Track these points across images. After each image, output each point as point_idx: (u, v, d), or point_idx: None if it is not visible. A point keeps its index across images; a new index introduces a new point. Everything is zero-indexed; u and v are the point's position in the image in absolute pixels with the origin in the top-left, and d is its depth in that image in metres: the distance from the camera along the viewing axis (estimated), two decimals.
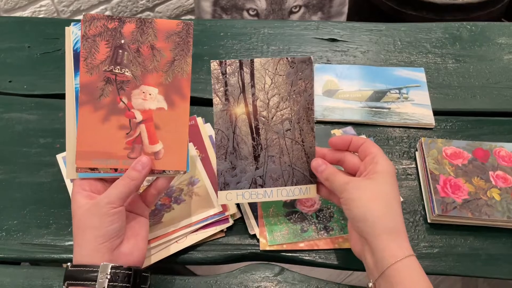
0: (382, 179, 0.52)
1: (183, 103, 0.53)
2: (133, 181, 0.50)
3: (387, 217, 0.49)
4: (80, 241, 0.49)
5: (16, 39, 0.90)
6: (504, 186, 0.63)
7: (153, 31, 0.53)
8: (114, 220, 0.49)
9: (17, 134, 0.74)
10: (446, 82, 0.81)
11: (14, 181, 0.68)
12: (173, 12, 1.81)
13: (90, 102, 0.51)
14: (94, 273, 0.47)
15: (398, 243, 0.48)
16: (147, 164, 0.51)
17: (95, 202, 0.49)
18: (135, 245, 0.52)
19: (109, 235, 0.49)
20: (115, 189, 0.50)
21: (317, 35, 0.90)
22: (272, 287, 0.58)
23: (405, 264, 0.47)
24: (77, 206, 0.50)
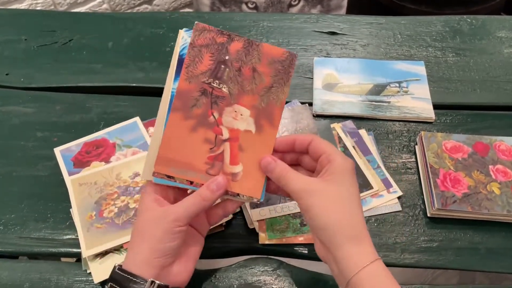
0: (340, 180, 0.48)
1: (271, 130, 0.52)
2: (205, 201, 0.48)
3: (347, 224, 0.47)
4: (136, 247, 0.48)
5: (13, 31, 0.89)
6: (504, 180, 0.63)
7: (258, 54, 0.53)
8: (176, 238, 0.47)
9: (14, 128, 0.74)
10: (446, 75, 0.80)
11: (11, 175, 0.68)
12: (171, 5, 1.80)
13: (182, 109, 0.50)
14: (139, 285, 0.46)
15: (360, 250, 0.46)
16: (222, 185, 0.49)
17: (164, 213, 0.47)
18: (185, 266, 0.50)
19: (166, 252, 0.47)
20: (184, 207, 0.48)
21: (317, 28, 0.89)
22: (271, 281, 0.58)
23: (369, 271, 0.45)
24: (144, 208, 0.49)
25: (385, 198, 0.64)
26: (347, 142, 0.69)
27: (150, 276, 0.46)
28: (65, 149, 0.69)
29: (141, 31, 0.89)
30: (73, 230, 0.62)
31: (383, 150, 0.70)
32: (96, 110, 0.76)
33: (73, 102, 0.77)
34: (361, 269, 0.45)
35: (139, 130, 0.70)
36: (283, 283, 0.58)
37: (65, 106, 0.76)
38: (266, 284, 0.58)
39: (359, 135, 0.70)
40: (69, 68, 0.83)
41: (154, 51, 0.85)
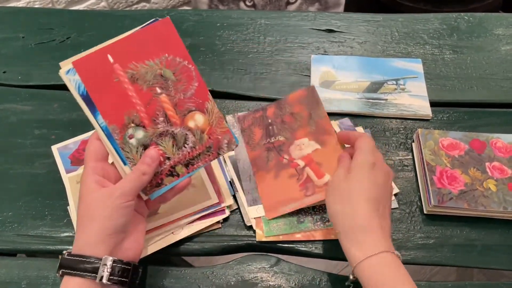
0: (355, 173, 0.52)
1: (330, 138, 0.62)
2: (144, 175, 0.50)
3: (346, 217, 0.50)
4: (87, 228, 0.48)
5: (10, 29, 0.89)
6: (500, 177, 0.63)
7: (287, 104, 0.66)
8: (125, 213, 0.49)
9: (11, 125, 0.74)
10: (443, 73, 0.81)
11: (9, 173, 0.68)
12: (169, 3, 1.80)
13: (262, 168, 0.64)
14: (94, 265, 0.47)
15: (360, 242, 0.48)
16: (155, 157, 0.51)
17: (109, 192, 0.48)
18: (134, 240, 0.51)
19: (117, 228, 0.48)
20: (128, 182, 0.49)
21: (314, 26, 0.89)
22: (268, 278, 0.58)
23: (368, 264, 0.47)
24: (87, 191, 0.49)
25: None
26: None
27: (104, 253, 0.47)
28: (62, 146, 0.69)
29: None
30: (71, 227, 0.62)
31: (380, 148, 0.70)
32: None
33: (70, 100, 0.76)
34: (360, 262, 0.47)
35: None
36: (280, 280, 0.58)
37: (63, 104, 0.76)
38: (263, 281, 0.58)
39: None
40: None
41: None
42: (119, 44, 0.51)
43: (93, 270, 0.47)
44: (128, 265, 0.49)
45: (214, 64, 0.82)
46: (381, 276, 0.47)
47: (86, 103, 0.50)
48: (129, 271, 0.49)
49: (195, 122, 0.53)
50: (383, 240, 0.48)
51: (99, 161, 0.51)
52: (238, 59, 0.83)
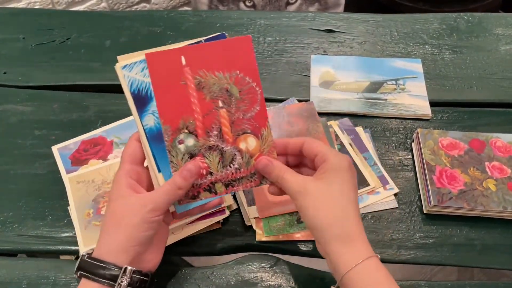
0: (332, 178, 0.48)
1: None
2: (179, 190, 0.48)
3: (336, 224, 0.47)
4: (113, 234, 0.47)
5: (10, 30, 0.89)
6: (500, 177, 0.63)
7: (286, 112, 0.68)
8: (152, 227, 0.47)
9: (12, 126, 0.74)
10: (443, 73, 0.81)
11: (9, 173, 0.68)
12: (169, 3, 1.80)
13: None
14: (112, 272, 0.46)
15: (350, 250, 0.46)
16: (194, 172, 0.49)
17: (141, 202, 0.47)
18: (156, 252, 0.51)
19: (142, 240, 0.47)
20: (161, 195, 0.48)
21: (314, 26, 0.89)
22: (268, 277, 0.58)
23: (359, 270, 0.45)
24: (118, 194, 0.48)
25: (382, 195, 0.64)
26: (344, 140, 0.70)
27: (124, 263, 0.47)
28: (62, 147, 0.69)
29: (139, 29, 0.89)
30: (71, 227, 0.62)
31: (380, 147, 0.70)
32: (94, 108, 0.76)
33: (70, 101, 0.77)
34: (351, 269, 0.45)
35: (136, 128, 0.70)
36: (280, 279, 0.58)
37: (63, 105, 0.77)
38: (263, 281, 0.58)
39: (356, 133, 0.71)
40: (67, 67, 0.83)
41: None
42: (195, 49, 0.50)
43: (112, 278, 0.46)
44: (146, 276, 0.49)
45: None
46: (374, 280, 0.46)
47: (135, 102, 0.49)
48: (146, 283, 0.49)
49: (246, 144, 0.51)
50: (368, 244, 0.47)
51: (136, 164, 0.50)
52: None
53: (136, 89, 0.48)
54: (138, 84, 0.49)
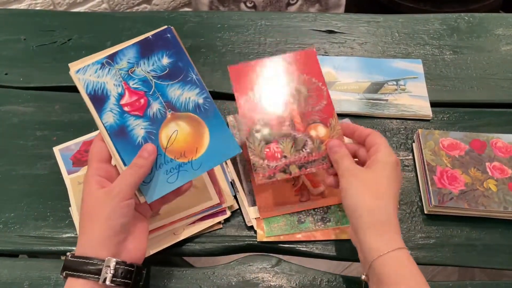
0: (380, 169, 0.52)
1: None
2: (141, 168, 0.50)
3: (375, 210, 0.49)
4: (88, 230, 0.48)
5: (11, 31, 0.89)
6: (500, 177, 0.63)
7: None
8: (124, 213, 0.48)
9: (13, 127, 0.74)
10: (444, 73, 0.81)
11: (10, 174, 0.68)
12: (170, 4, 1.80)
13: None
14: (97, 266, 0.47)
15: (384, 237, 0.48)
16: (152, 151, 0.51)
17: (107, 191, 0.48)
18: (138, 242, 0.51)
19: (118, 228, 0.48)
20: (124, 179, 0.49)
21: (315, 26, 0.89)
22: (269, 278, 0.58)
23: (391, 258, 0.47)
24: (89, 191, 0.49)
25: None
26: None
27: (106, 254, 0.47)
28: (64, 148, 0.69)
29: (140, 30, 0.89)
30: (72, 228, 0.62)
31: None
32: None
33: (72, 101, 0.77)
34: (382, 255, 0.46)
35: None
36: (281, 280, 0.58)
37: (64, 106, 0.77)
38: (264, 281, 0.58)
39: None
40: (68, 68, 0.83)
41: None
42: (270, 59, 0.63)
43: (96, 271, 0.47)
44: (131, 266, 0.49)
45: (215, 65, 0.83)
46: (404, 269, 0.47)
47: (93, 102, 0.51)
48: (132, 273, 0.49)
49: (316, 132, 0.58)
50: (401, 238, 0.49)
51: (103, 162, 0.51)
52: (239, 60, 0.83)
53: (92, 90, 0.52)
54: (94, 85, 0.52)
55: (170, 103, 0.53)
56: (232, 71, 0.61)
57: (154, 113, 0.53)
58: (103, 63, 0.52)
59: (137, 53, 0.53)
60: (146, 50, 0.53)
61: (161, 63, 0.53)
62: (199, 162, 0.53)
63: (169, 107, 0.53)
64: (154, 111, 0.53)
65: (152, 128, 0.52)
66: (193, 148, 0.53)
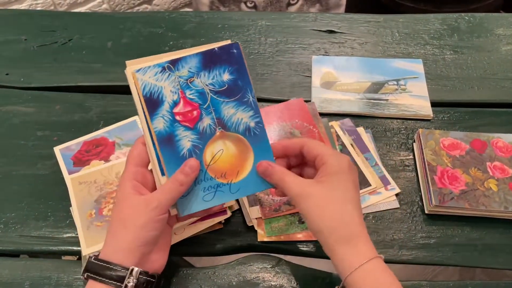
0: (334, 181, 0.49)
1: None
2: (182, 186, 0.48)
3: (339, 226, 0.47)
4: (119, 235, 0.48)
5: (12, 31, 0.89)
6: (501, 177, 0.63)
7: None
8: (158, 226, 0.48)
9: (14, 127, 0.74)
10: (444, 73, 0.81)
11: (11, 174, 0.68)
12: (171, 4, 1.81)
13: None
14: (120, 273, 0.46)
15: (353, 251, 0.46)
16: (195, 167, 0.49)
17: (145, 202, 0.48)
18: (161, 253, 0.51)
19: (148, 240, 0.48)
20: (164, 193, 0.48)
21: (315, 26, 0.89)
22: (269, 277, 0.58)
23: (364, 271, 0.45)
24: (123, 195, 0.49)
25: (383, 195, 0.65)
26: (345, 140, 0.70)
27: (131, 264, 0.47)
28: (65, 148, 0.70)
29: (140, 30, 0.90)
30: (73, 228, 0.62)
31: (381, 148, 0.71)
32: (96, 109, 0.76)
33: (72, 102, 0.77)
34: (354, 270, 0.45)
35: (138, 129, 0.71)
36: (281, 280, 0.58)
37: (65, 106, 0.77)
38: (265, 281, 0.58)
39: (357, 133, 0.71)
40: (69, 68, 0.83)
41: (153, 51, 0.85)
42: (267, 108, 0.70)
43: (119, 279, 0.46)
44: (153, 277, 0.49)
45: None
46: (378, 280, 0.46)
47: (147, 104, 0.49)
48: (153, 284, 0.49)
49: None
50: (371, 245, 0.48)
51: (140, 166, 0.50)
52: None
53: (148, 92, 0.49)
54: (151, 88, 0.49)
55: (222, 121, 0.51)
56: None
57: (204, 128, 0.51)
58: (165, 67, 0.50)
59: (199, 63, 0.50)
60: (209, 62, 0.50)
61: (221, 78, 0.51)
62: (237, 186, 0.52)
63: (219, 124, 0.51)
64: (204, 126, 0.51)
65: (199, 143, 0.51)
66: (235, 170, 0.51)
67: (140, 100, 0.49)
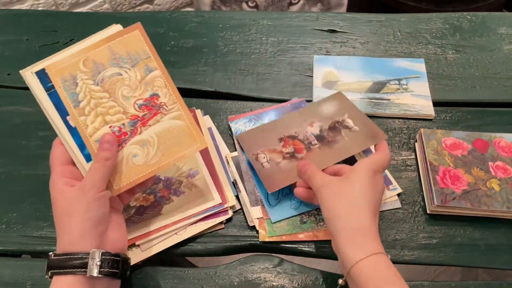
0: (354, 177, 0.53)
1: None
2: (108, 160, 0.50)
3: (347, 217, 0.50)
4: (67, 226, 0.48)
5: (14, 31, 0.89)
6: (503, 177, 0.63)
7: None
8: (101, 204, 0.49)
9: (16, 127, 0.74)
10: (446, 72, 0.80)
11: (13, 174, 0.68)
12: (172, 4, 1.81)
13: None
14: (82, 260, 0.47)
15: (358, 244, 0.48)
16: (113, 141, 0.51)
17: (80, 187, 0.49)
18: (118, 232, 0.52)
19: (97, 219, 0.49)
20: (95, 173, 0.50)
21: (317, 26, 0.89)
22: (271, 278, 0.58)
23: (368, 263, 0.47)
24: (59, 193, 0.49)
25: (385, 195, 0.64)
26: None
27: (90, 247, 0.47)
28: None
29: None
30: None
31: None
32: None
33: None
34: (359, 261, 0.47)
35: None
36: (283, 280, 0.58)
37: None
38: (267, 281, 0.58)
39: None
40: None
41: None
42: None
43: (83, 265, 0.47)
44: (117, 256, 0.50)
45: (216, 65, 0.83)
46: (380, 274, 0.47)
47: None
48: (118, 262, 0.49)
49: None
50: (380, 244, 0.49)
51: (66, 164, 0.52)
52: (240, 60, 0.84)
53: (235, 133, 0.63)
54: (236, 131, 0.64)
55: None
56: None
57: None
58: (251, 118, 0.71)
59: (275, 116, 0.71)
60: (281, 114, 0.70)
61: None
62: None
63: None
64: None
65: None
66: None
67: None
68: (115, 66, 0.53)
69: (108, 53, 0.54)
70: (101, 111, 0.52)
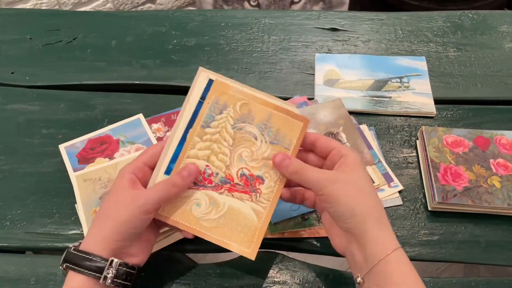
0: (357, 171, 0.49)
1: None
2: (174, 188, 0.49)
3: (374, 210, 0.48)
4: (102, 226, 0.48)
5: (17, 31, 0.90)
6: (504, 174, 0.63)
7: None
8: (139, 225, 0.48)
9: (19, 125, 0.75)
10: (448, 70, 0.81)
11: (17, 172, 0.69)
12: (174, 3, 1.81)
13: None
14: (99, 264, 0.46)
15: (386, 235, 0.47)
16: (193, 172, 0.50)
17: (133, 197, 0.48)
18: (142, 248, 0.51)
19: (128, 237, 0.48)
20: (156, 191, 0.48)
21: (318, 24, 0.90)
22: (273, 274, 0.59)
23: (395, 256, 0.46)
24: (118, 185, 0.49)
25: (386, 192, 0.65)
26: None
27: (109, 256, 0.47)
28: (69, 145, 0.70)
29: (144, 29, 0.90)
30: (78, 225, 0.63)
31: (384, 145, 0.71)
32: (100, 107, 0.77)
33: (77, 100, 0.78)
34: (389, 253, 0.45)
35: (142, 126, 0.71)
36: (285, 276, 0.59)
37: (70, 104, 0.77)
38: (269, 277, 0.58)
39: (361, 130, 0.71)
40: (73, 66, 0.83)
41: (157, 49, 0.86)
42: None
43: (98, 270, 0.46)
44: (133, 269, 0.49)
45: (218, 63, 0.83)
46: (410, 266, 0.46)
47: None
48: (132, 275, 0.49)
49: None
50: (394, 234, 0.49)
51: (147, 165, 0.51)
52: (242, 59, 0.84)
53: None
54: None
55: None
56: None
57: None
58: None
59: None
60: None
61: None
62: None
63: None
64: None
65: None
66: None
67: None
68: (259, 130, 0.53)
69: (266, 116, 0.53)
70: (213, 148, 0.52)
